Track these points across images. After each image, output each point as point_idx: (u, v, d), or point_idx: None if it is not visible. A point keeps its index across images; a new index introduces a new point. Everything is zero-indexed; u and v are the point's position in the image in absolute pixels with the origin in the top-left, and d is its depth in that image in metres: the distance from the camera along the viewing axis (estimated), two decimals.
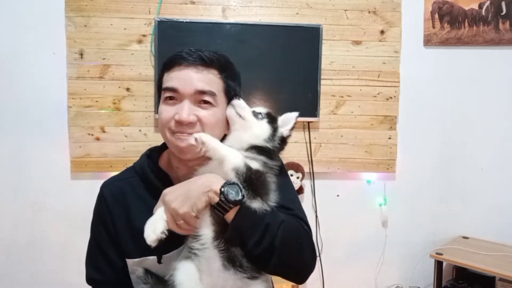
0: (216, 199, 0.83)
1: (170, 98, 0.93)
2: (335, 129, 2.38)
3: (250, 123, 0.94)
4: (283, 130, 0.97)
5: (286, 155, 2.34)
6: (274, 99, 2.27)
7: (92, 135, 2.24)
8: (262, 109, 0.99)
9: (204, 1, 2.26)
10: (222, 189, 0.82)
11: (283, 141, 0.97)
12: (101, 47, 2.21)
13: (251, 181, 0.84)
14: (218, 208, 0.83)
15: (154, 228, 0.84)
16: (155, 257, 0.95)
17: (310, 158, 2.37)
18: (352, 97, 2.37)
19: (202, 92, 0.91)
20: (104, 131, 2.24)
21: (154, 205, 0.93)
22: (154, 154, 1.05)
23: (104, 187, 1.04)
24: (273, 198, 0.88)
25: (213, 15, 2.26)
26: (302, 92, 2.30)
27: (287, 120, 0.99)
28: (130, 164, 1.07)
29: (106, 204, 1.01)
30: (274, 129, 0.96)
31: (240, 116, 0.94)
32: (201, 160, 0.95)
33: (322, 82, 2.31)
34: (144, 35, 2.22)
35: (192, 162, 0.96)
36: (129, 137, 2.26)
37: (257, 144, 0.93)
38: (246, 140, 0.93)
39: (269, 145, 0.94)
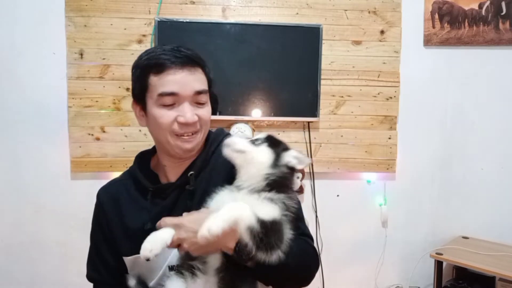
0: (230, 253, 0.84)
1: (168, 102, 0.93)
2: (335, 129, 2.38)
3: (250, 153, 0.89)
4: (291, 160, 0.90)
5: None
6: (274, 99, 2.27)
7: (92, 135, 2.24)
8: (261, 135, 0.93)
9: (204, 1, 2.26)
10: (237, 249, 0.82)
11: (291, 169, 0.90)
12: (101, 47, 2.21)
13: (267, 237, 0.81)
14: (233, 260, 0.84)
15: (152, 248, 0.83)
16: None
17: (310, 158, 2.37)
18: (352, 97, 2.37)
19: (200, 93, 0.95)
20: (104, 131, 2.24)
21: (144, 204, 0.99)
22: (145, 156, 1.09)
23: (101, 190, 1.09)
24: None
25: (213, 15, 2.26)
26: (302, 92, 2.30)
27: (301, 159, 0.91)
28: (130, 164, 1.10)
29: (102, 207, 1.05)
30: (277, 154, 0.89)
31: (238, 151, 0.89)
32: (191, 157, 1.01)
33: (322, 82, 2.31)
34: (144, 35, 2.23)
35: (183, 158, 1.01)
36: (129, 137, 2.26)
37: (267, 173, 0.87)
38: (255, 173, 0.88)
39: (275, 171, 0.88)
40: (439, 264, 2.23)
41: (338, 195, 2.46)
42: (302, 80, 2.29)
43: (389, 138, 2.42)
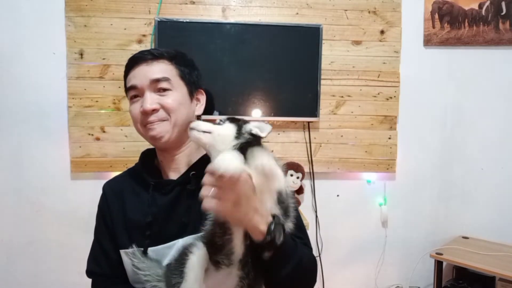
0: (260, 238, 0.79)
1: (134, 96, 1.02)
2: (335, 129, 2.38)
3: (215, 131, 0.89)
4: (252, 128, 0.89)
5: (286, 155, 2.34)
6: (274, 99, 2.26)
7: (92, 135, 2.24)
8: (221, 117, 0.93)
9: (204, 1, 2.26)
10: (270, 230, 0.79)
11: (253, 135, 0.89)
12: (101, 47, 2.21)
13: (287, 205, 0.85)
14: (260, 247, 0.81)
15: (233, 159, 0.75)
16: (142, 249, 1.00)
17: (310, 158, 2.37)
18: (352, 97, 2.37)
19: (157, 80, 1.00)
20: (104, 131, 2.24)
21: (145, 198, 1.01)
22: (150, 153, 1.14)
23: (106, 183, 1.13)
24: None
25: (213, 15, 2.26)
26: (302, 92, 2.30)
27: (262, 127, 0.89)
28: (130, 164, 1.14)
29: (106, 199, 1.08)
30: (239, 125, 0.90)
31: (203, 132, 0.89)
32: (180, 149, 1.04)
33: (322, 82, 2.31)
34: (144, 35, 2.23)
35: (173, 152, 1.05)
36: (129, 137, 2.26)
37: (234, 144, 0.86)
38: (224, 147, 0.86)
39: (241, 139, 0.87)
40: (439, 264, 2.23)
41: (338, 195, 2.46)
42: (302, 80, 2.29)
43: (389, 138, 2.42)
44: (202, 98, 1.11)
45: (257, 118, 2.27)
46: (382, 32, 2.37)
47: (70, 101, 2.22)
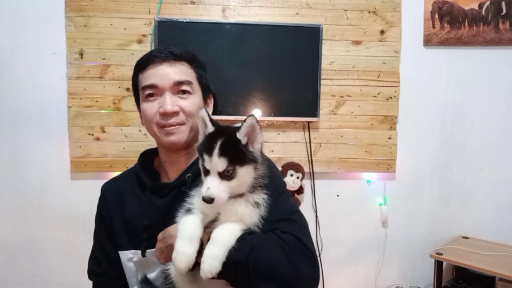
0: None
1: (150, 95, 0.99)
2: (335, 129, 2.38)
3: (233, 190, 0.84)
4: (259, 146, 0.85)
5: (286, 155, 2.34)
6: (274, 99, 2.26)
7: (92, 135, 2.24)
8: (214, 158, 0.79)
9: (204, 1, 2.26)
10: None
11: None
12: (101, 47, 2.21)
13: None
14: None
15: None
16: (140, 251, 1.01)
17: (310, 158, 2.37)
18: (352, 97, 2.37)
19: (180, 83, 0.98)
20: (104, 131, 2.24)
21: (143, 200, 1.01)
22: (149, 154, 1.12)
23: (105, 184, 1.12)
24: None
25: (213, 15, 2.26)
26: (302, 92, 2.30)
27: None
28: (130, 164, 1.13)
29: (105, 200, 1.08)
30: (253, 159, 0.84)
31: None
32: (188, 151, 1.04)
33: (322, 82, 2.31)
34: (144, 35, 2.23)
35: (180, 153, 1.03)
36: (129, 137, 2.26)
37: (254, 179, 0.85)
38: (246, 187, 0.85)
39: (259, 172, 0.86)
40: (439, 264, 2.23)
41: (338, 195, 2.46)
42: (302, 80, 2.29)
43: (389, 138, 2.42)
44: (211, 102, 1.10)
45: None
46: (382, 32, 2.37)
47: (70, 101, 2.22)
